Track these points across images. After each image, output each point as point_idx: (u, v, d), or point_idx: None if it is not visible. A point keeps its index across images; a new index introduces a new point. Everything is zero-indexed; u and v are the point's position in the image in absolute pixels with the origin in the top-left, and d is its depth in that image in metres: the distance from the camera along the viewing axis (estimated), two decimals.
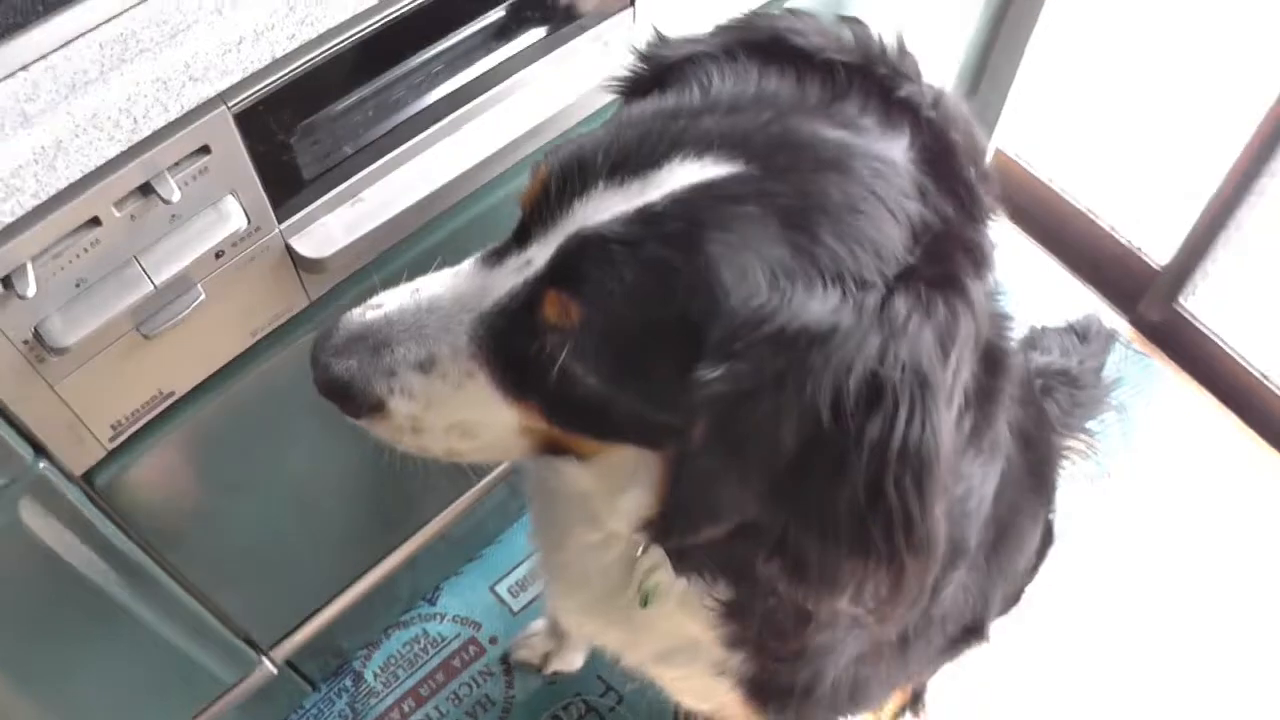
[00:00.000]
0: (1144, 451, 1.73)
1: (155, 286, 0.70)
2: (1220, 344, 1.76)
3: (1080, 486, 1.68)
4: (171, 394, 0.82)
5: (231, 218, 0.73)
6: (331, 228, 0.81)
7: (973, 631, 1.04)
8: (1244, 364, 1.74)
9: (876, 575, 0.56)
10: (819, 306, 0.53)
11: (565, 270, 0.58)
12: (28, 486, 0.76)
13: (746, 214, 0.54)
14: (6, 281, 0.63)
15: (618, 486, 0.68)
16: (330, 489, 1.11)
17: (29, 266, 0.64)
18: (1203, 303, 1.77)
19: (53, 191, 0.61)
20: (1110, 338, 1.69)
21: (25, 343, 0.67)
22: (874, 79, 0.60)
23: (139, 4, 0.62)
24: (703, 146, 0.56)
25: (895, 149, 0.59)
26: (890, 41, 0.62)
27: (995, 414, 0.71)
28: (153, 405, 0.81)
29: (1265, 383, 1.73)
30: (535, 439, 0.66)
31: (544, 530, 0.93)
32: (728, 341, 0.53)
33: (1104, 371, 1.67)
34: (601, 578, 0.84)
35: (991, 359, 0.65)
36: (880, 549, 0.55)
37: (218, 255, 0.75)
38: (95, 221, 0.66)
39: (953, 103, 0.62)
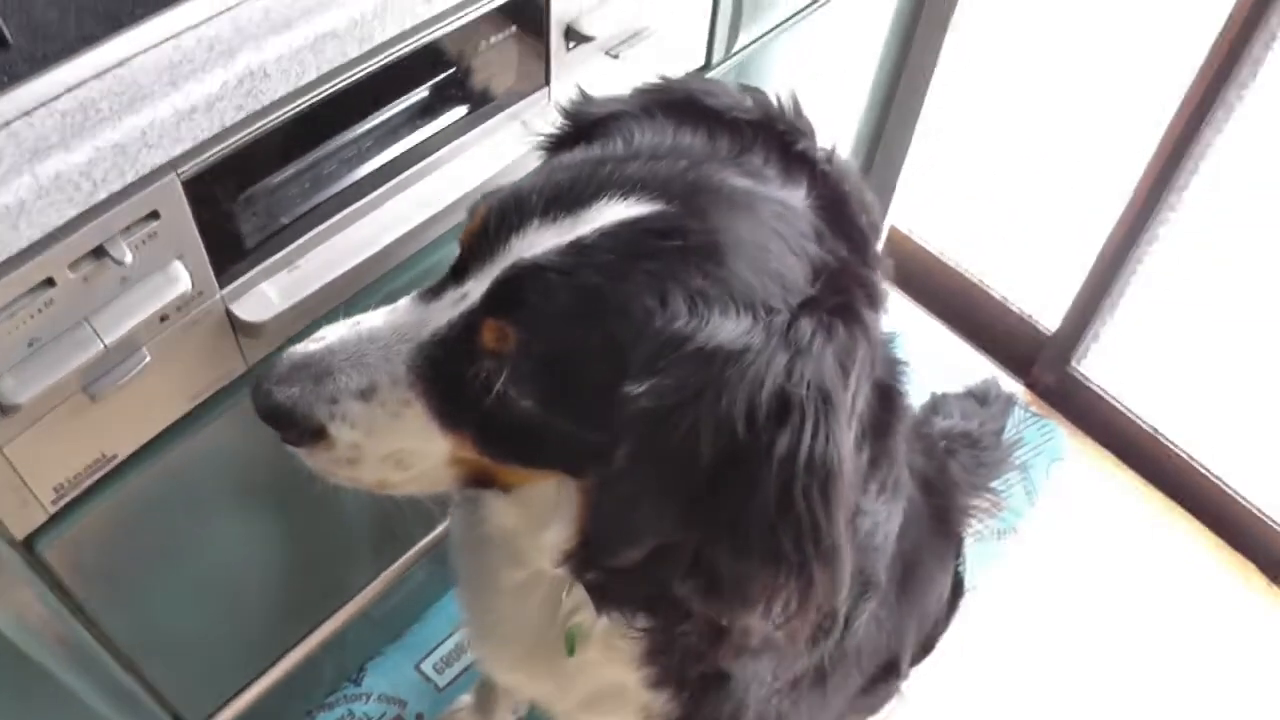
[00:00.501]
0: (1047, 508, 1.83)
1: (105, 346, 0.74)
2: (1113, 403, 1.87)
3: (988, 543, 1.77)
4: (114, 457, 0.84)
5: (178, 281, 0.77)
6: (269, 293, 0.86)
7: (890, 669, 1.09)
8: (1137, 421, 1.85)
9: (787, 587, 0.61)
10: (733, 328, 0.59)
11: (503, 298, 0.63)
12: None
13: (668, 247, 0.61)
14: None
15: (540, 520, 0.72)
16: (259, 561, 1.12)
17: None
18: (1094, 364, 1.89)
19: (14, 251, 0.64)
20: (1009, 401, 1.78)
21: None
22: (775, 135, 0.68)
23: (96, 77, 0.67)
24: (628, 188, 0.62)
25: (795, 197, 0.66)
26: (788, 103, 0.70)
27: (892, 449, 0.78)
28: (95, 469, 0.83)
29: (1158, 437, 1.84)
30: (464, 470, 0.71)
31: (471, 582, 0.97)
32: (652, 360, 0.58)
33: (1005, 433, 1.76)
34: (528, 624, 0.88)
35: (885, 395, 0.72)
36: (790, 559, 0.60)
37: (163, 319, 0.79)
38: (50, 282, 0.70)
39: (843, 159, 0.70)
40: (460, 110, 0.93)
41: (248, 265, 0.84)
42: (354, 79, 0.80)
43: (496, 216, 0.65)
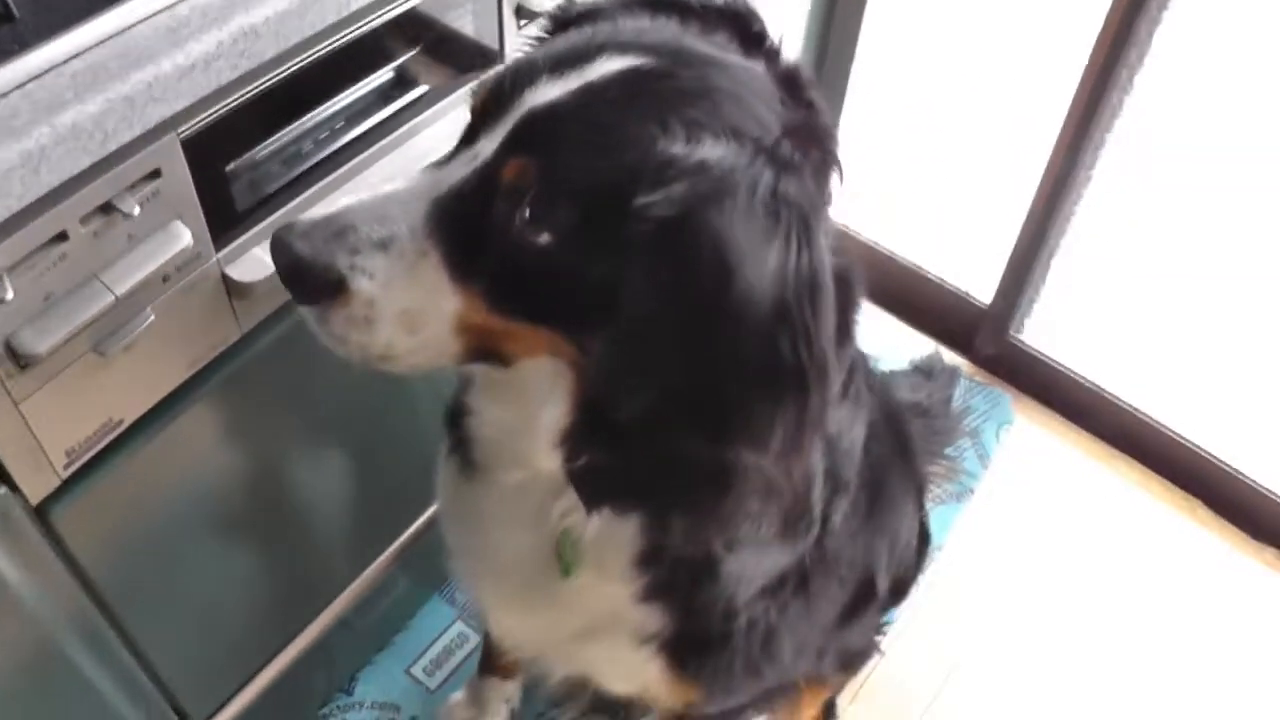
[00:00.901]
0: (1000, 470, 1.91)
1: (115, 298, 0.78)
2: (1053, 365, 1.97)
3: (948, 506, 1.85)
4: (120, 421, 0.89)
5: (180, 238, 0.82)
6: (260, 256, 0.91)
7: (867, 590, 1.15)
8: (1079, 379, 1.95)
9: (787, 403, 0.67)
10: (725, 149, 0.66)
11: (521, 137, 0.69)
12: None
13: (664, 87, 0.69)
14: None
15: (535, 403, 0.77)
16: (253, 547, 1.16)
17: (5, 277, 0.72)
18: (1032, 331, 1.99)
19: (38, 194, 0.69)
20: (954, 373, 1.87)
21: None
22: (734, 19, 0.78)
23: (100, 43, 0.73)
24: (623, 48, 0.71)
25: (757, 67, 0.75)
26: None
27: (849, 349, 0.84)
28: (104, 433, 0.88)
29: (1101, 393, 1.94)
30: (469, 339, 0.74)
31: (460, 523, 1.01)
32: (658, 176, 0.65)
33: (953, 402, 1.85)
34: (522, 550, 0.92)
35: (842, 283, 0.78)
36: (788, 365, 0.65)
37: (165, 279, 0.84)
38: (63, 236, 0.74)
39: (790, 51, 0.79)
40: (422, 89, 1.00)
41: (240, 229, 0.89)
42: (335, 46, 0.87)
43: (510, 79, 0.71)
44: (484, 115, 0.73)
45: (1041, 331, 1.99)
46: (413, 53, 0.97)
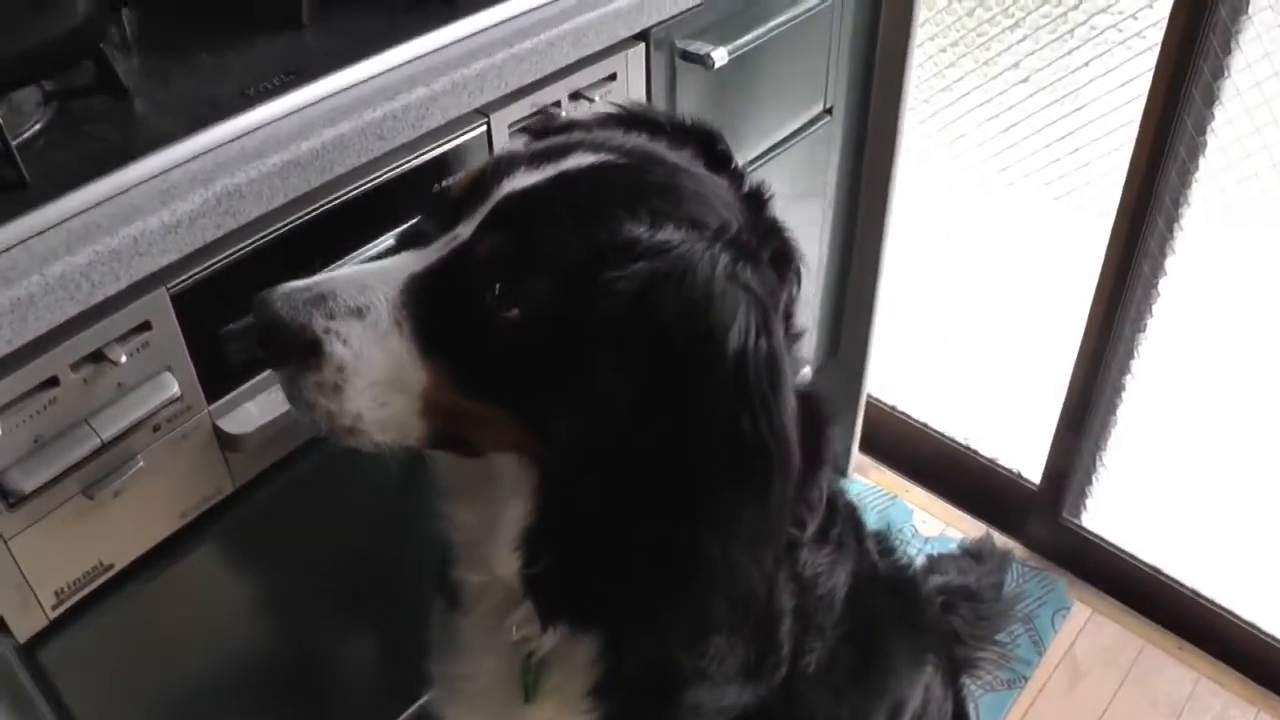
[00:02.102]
0: (1057, 658, 1.81)
1: (103, 442, 0.83)
2: (1113, 550, 1.89)
3: (999, 693, 1.75)
4: (111, 566, 0.92)
5: (169, 389, 0.87)
6: (251, 410, 0.96)
7: None
8: (1141, 565, 1.87)
9: (748, 487, 0.69)
10: (686, 235, 0.72)
11: (498, 217, 0.75)
12: None
13: (633, 180, 0.76)
14: None
15: (501, 499, 0.80)
16: (255, 689, 1.15)
17: None
18: (1086, 511, 1.93)
19: (23, 342, 0.75)
20: (1006, 557, 1.82)
21: None
22: (701, 138, 0.85)
23: (98, 205, 0.81)
24: (597, 148, 0.77)
25: (722, 180, 0.81)
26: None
27: (819, 479, 0.85)
28: (93, 576, 0.91)
29: (1167, 580, 1.84)
30: (436, 420, 0.77)
31: (440, 653, 1.03)
32: (625, 252, 0.70)
33: (1006, 587, 1.78)
34: (488, 674, 0.93)
35: (811, 401, 0.80)
36: (748, 441, 0.68)
37: (155, 429, 0.89)
38: (54, 381, 0.80)
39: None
40: None
41: (233, 384, 0.95)
42: (323, 209, 0.94)
43: (490, 171, 0.78)
44: (463, 204, 0.78)
45: (1101, 513, 1.92)
46: (410, 222, 1.03)
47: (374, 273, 0.77)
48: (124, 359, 0.83)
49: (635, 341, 0.69)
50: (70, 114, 0.91)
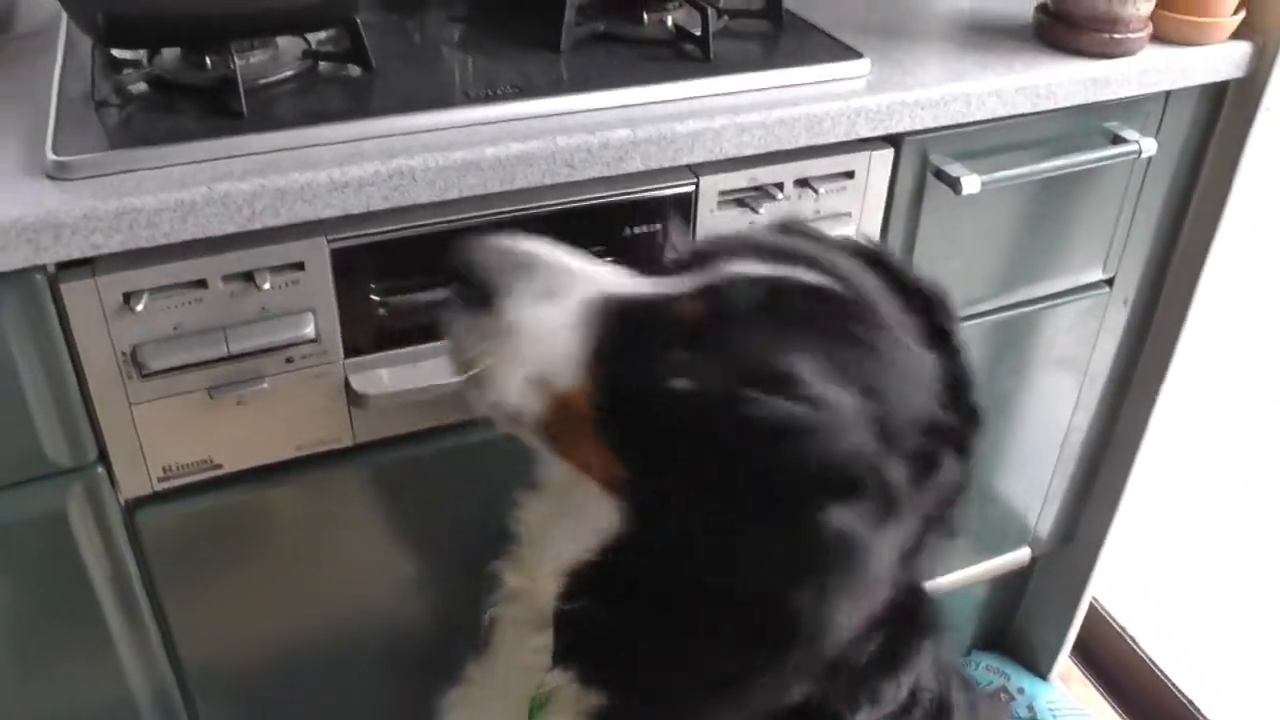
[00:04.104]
0: None
1: (229, 352, 0.93)
2: None
3: None
4: (219, 466, 1.01)
5: (305, 329, 0.95)
6: (382, 375, 1.02)
7: None
8: None
9: (768, 648, 0.70)
10: (853, 403, 0.72)
11: (711, 290, 0.77)
12: (83, 484, 0.96)
13: (839, 319, 0.76)
14: (127, 297, 0.88)
15: (572, 518, 0.83)
16: (321, 637, 1.22)
17: (145, 294, 0.88)
18: None
19: (179, 239, 0.86)
20: None
21: (123, 354, 0.90)
22: (927, 304, 0.83)
23: (293, 149, 0.91)
24: (824, 271, 0.78)
25: (929, 356, 0.79)
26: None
27: (897, 674, 0.81)
28: (200, 468, 1.01)
29: None
30: (557, 419, 0.79)
31: (463, 684, 1.04)
32: (781, 386, 0.71)
33: None
34: (501, 685, 0.95)
35: (917, 603, 0.80)
36: (788, 609, 0.69)
37: (288, 360, 0.98)
38: (203, 284, 0.90)
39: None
40: None
41: (375, 348, 1.01)
42: (497, 217, 0.99)
43: (721, 245, 0.81)
44: (686, 263, 0.82)
45: None
46: (595, 247, 1.06)
47: (582, 270, 0.80)
48: (269, 287, 0.92)
49: (741, 469, 0.71)
50: (317, 72, 1.02)
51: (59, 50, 1.06)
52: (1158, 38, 1.23)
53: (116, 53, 1.02)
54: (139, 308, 0.88)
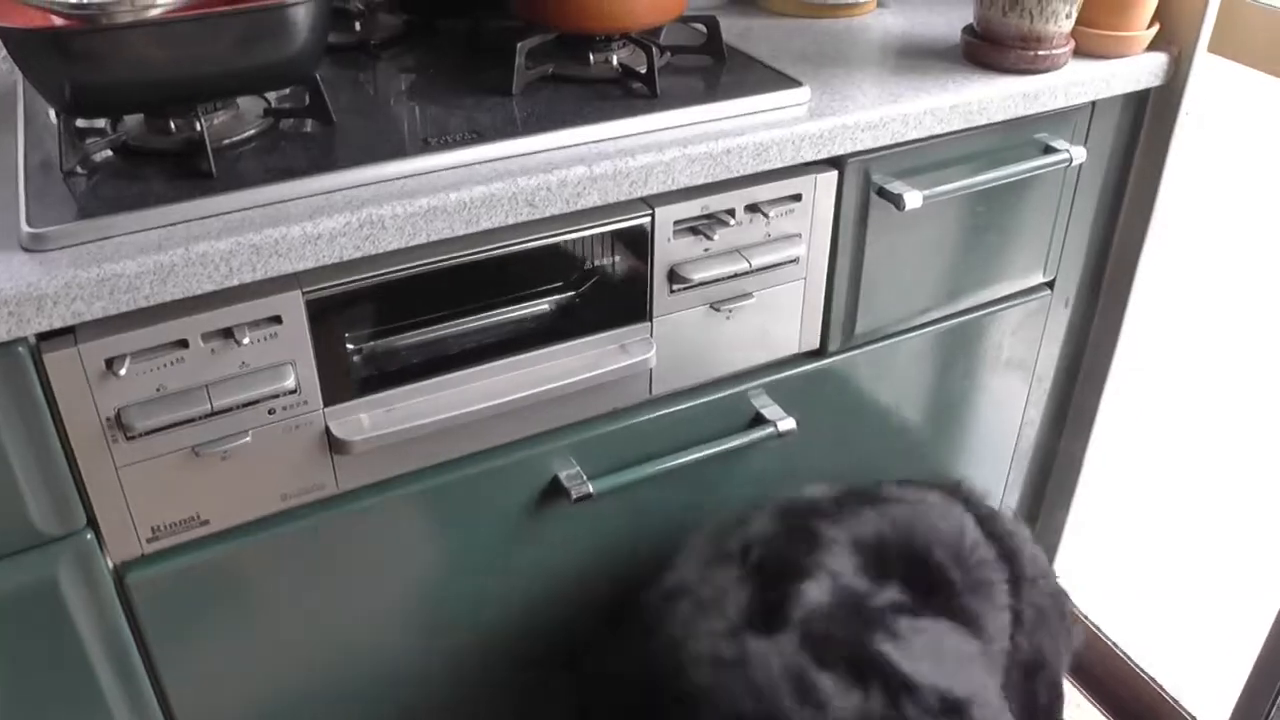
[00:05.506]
0: None
1: (212, 409, 0.94)
2: None
3: None
4: (206, 522, 1.03)
5: (286, 381, 0.97)
6: (362, 420, 1.04)
7: None
8: None
9: None
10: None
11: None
12: (73, 551, 0.97)
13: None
14: (110, 363, 0.89)
15: None
16: (314, 688, 1.23)
17: (128, 358, 0.90)
18: None
19: (159, 300, 0.88)
20: None
21: (108, 418, 0.92)
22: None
23: (260, 207, 0.93)
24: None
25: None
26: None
27: None
28: (188, 526, 1.02)
29: None
30: None
31: None
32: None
33: None
34: None
35: None
36: None
37: (270, 412, 1.00)
38: (184, 343, 0.92)
39: None
40: (563, 320, 1.12)
41: (354, 394, 1.04)
42: (464, 259, 1.02)
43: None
44: None
45: None
46: (557, 285, 1.10)
47: None
48: (249, 342, 0.94)
49: None
50: (279, 130, 1.05)
51: (19, 121, 1.08)
52: (1080, 52, 1.30)
53: (80, 121, 1.04)
54: (122, 372, 0.90)
